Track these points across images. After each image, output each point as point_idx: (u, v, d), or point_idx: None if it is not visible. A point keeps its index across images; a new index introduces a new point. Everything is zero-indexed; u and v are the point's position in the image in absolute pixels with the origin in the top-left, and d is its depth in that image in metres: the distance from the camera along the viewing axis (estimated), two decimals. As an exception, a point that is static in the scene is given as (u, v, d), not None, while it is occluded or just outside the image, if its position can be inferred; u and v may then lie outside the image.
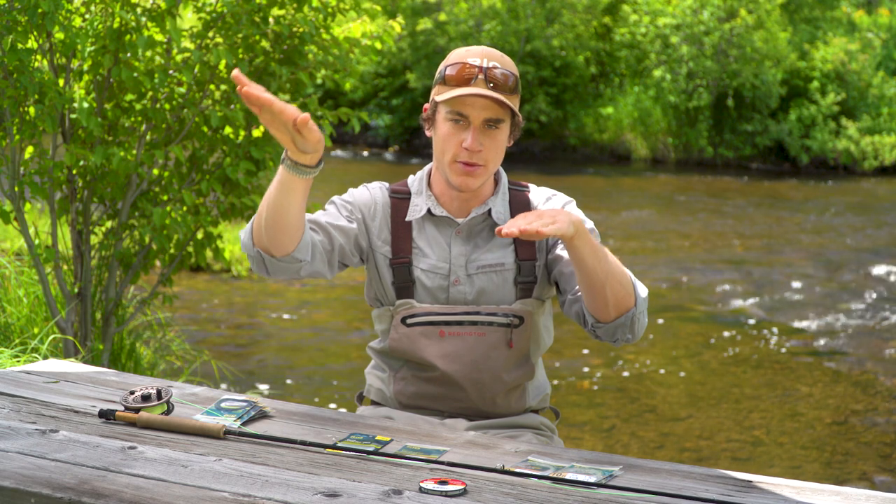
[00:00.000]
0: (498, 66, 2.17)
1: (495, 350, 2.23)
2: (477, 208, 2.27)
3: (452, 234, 2.27)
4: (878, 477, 4.93)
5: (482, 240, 2.28)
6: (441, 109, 2.20)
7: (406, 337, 2.25)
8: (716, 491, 1.72)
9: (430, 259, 2.26)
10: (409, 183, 2.35)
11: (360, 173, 16.22)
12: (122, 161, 3.96)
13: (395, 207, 2.30)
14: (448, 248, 2.26)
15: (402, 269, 2.26)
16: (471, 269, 2.25)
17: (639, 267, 9.88)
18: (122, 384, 2.23)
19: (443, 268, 2.25)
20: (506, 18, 19.08)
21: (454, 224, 2.27)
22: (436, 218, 2.28)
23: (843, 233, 12.19)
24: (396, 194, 2.32)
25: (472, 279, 2.25)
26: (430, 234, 2.28)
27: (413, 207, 2.29)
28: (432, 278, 2.25)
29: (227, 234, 8.47)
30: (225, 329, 7.06)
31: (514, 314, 2.24)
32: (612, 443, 5.28)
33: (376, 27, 4.54)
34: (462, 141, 2.17)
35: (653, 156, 18.79)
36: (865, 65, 18.84)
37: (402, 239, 2.28)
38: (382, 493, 1.65)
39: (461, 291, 2.24)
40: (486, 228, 2.29)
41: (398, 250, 2.27)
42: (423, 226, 2.29)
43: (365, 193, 2.32)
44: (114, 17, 3.94)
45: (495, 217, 2.27)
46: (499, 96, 2.14)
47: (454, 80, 2.16)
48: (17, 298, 4.54)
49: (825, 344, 7.35)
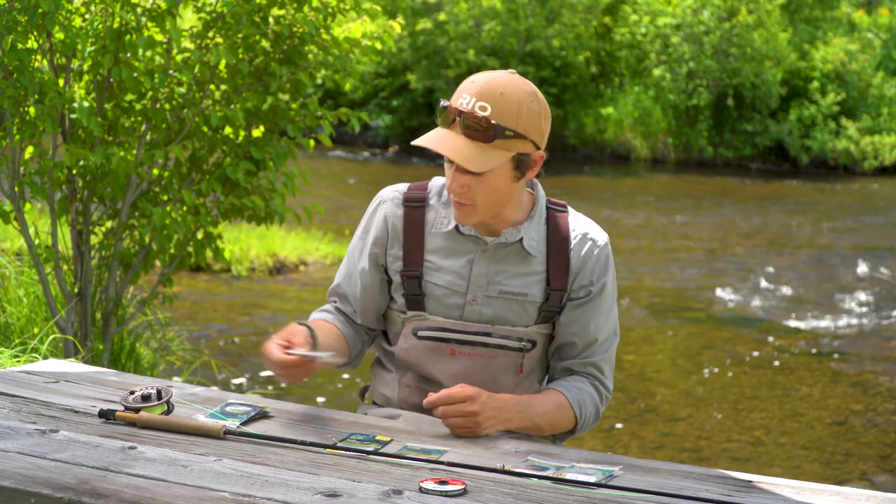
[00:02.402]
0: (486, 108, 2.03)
1: (503, 374, 2.20)
2: (508, 231, 2.19)
3: (477, 253, 2.20)
4: (878, 477, 4.93)
5: (508, 264, 2.20)
6: None
7: (415, 349, 2.21)
8: (716, 491, 1.72)
9: (446, 276, 2.20)
10: (430, 187, 2.26)
11: (360, 173, 16.22)
12: (122, 161, 3.96)
13: (409, 217, 2.23)
14: (469, 267, 2.19)
15: (413, 282, 2.21)
16: (491, 292, 2.19)
17: (639, 267, 9.89)
18: (122, 384, 2.23)
19: (460, 285, 2.19)
20: (506, 18, 19.07)
21: (481, 242, 2.20)
22: (462, 235, 2.21)
23: (843, 233, 12.19)
24: (411, 203, 2.24)
25: (491, 302, 2.19)
26: (452, 248, 2.21)
27: (440, 219, 2.22)
28: (447, 295, 2.19)
29: (227, 234, 8.47)
30: (225, 329, 7.06)
31: (529, 339, 2.20)
32: (612, 443, 5.28)
33: (376, 27, 4.54)
34: (449, 177, 2.12)
35: (653, 156, 18.79)
36: (865, 65, 18.83)
37: (414, 251, 2.22)
38: (382, 493, 1.65)
39: (476, 311, 2.19)
40: (514, 254, 2.20)
41: (409, 262, 2.22)
42: (445, 239, 2.21)
43: (381, 219, 2.26)
44: (114, 17, 3.94)
45: (527, 247, 2.19)
46: (460, 152, 2.04)
47: (438, 117, 2.10)
48: (17, 298, 4.53)
49: (825, 344, 7.35)
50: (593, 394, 2.22)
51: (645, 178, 17.05)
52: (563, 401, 2.16)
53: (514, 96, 2.05)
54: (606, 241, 2.26)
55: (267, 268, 8.71)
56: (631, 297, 8.62)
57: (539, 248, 2.21)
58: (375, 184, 15.00)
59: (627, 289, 8.95)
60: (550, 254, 2.21)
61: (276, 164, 4.33)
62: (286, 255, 8.94)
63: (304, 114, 4.34)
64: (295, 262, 8.90)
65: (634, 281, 9.27)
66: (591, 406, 2.20)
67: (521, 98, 2.06)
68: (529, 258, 2.20)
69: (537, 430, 2.13)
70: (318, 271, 8.78)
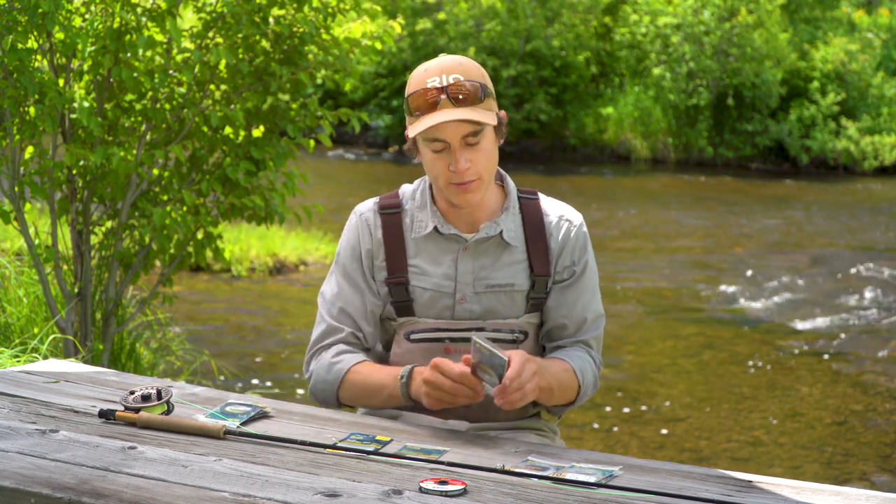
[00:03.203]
0: (460, 79, 2.09)
1: None
2: (486, 226, 2.21)
3: (460, 251, 2.22)
4: (878, 477, 4.93)
5: (491, 258, 2.22)
6: (419, 140, 2.15)
7: (409, 353, 2.21)
8: (716, 491, 1.72)
9: (433, 278, 2.21)
10: (401, 194, 2.28)
11: (360, 173, 16.23)
12: (122, 161, 3.96)
13: (387, 224, 2.24)
14: (454, 266, 2.21)
15: (400, 289, 2.21)
16: (478, 288, 2.20)
17: (639, 267, 9.89)
18: (122, 384, 2.23)
19: (447, 286, 2.20)
20: (506, 18, 19.08)
21: (462, 241, 2.22)
22: (442, 235, 2.23)
23: (843, 233, 12.19)
24: (386, 210, 2.26)
25: (480, 297, 2.20)
26: (434, 250, 2.22)
27: (417, 223, 2.24)
28: (436, 297, 2.20)
29: (227, 234, 8.47)
30: (225, 329, 7.06)
31: (520, 329, 2.22)
32: (612, 443, 5.28)
33: (376, 27, 4.54)
34: (448, 165, 2.11)
35: (653, 156, 18.80)
36: (865, 65, 18.84)
37: (397, 257, 2.22)
38: (382, 493, 1.65)
39: (467, 309, 2.20)
40: (495, 246, 2.22)
41: (393, 269, 2.22)
42: (426, 242, 2.23)
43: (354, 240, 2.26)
44: (114, 17, 3.94)
45: (508, 239, 2.21)
46: (466, 116, 2.07)
47: (419, 109, 2.10)
48: (17, 298, 4.54)
49: (825, 344, 7.35)
50: (591, 363, 2.24)
51: (645, 178, 17.06)
52: (567, 366, 2.17)
53: (470, 64, 2.14)
54: (581, 221, 2.29)
55: (267, 268, 8.71)
56: (631, 297, 8.63)
57: (518, 237, 2.24)
58: (375, 184, 15.04)
59: (627, 289, 8.95)
60: (529, 241, 2.24)
61: (276, 164, 4.33)
62: (286, 255, 8.94)
63: (304, 114, 4.34)
64: (295, 262, 8.91)
65: (634, 281, 9.27)
66: (590, 374, 2.22)
67: (474, 64, 2.15)
68: (510, 248, 2.23)
69: (549, 393, 2.11)
70: (318, 271, 8.78)
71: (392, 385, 2.11)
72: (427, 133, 2.10)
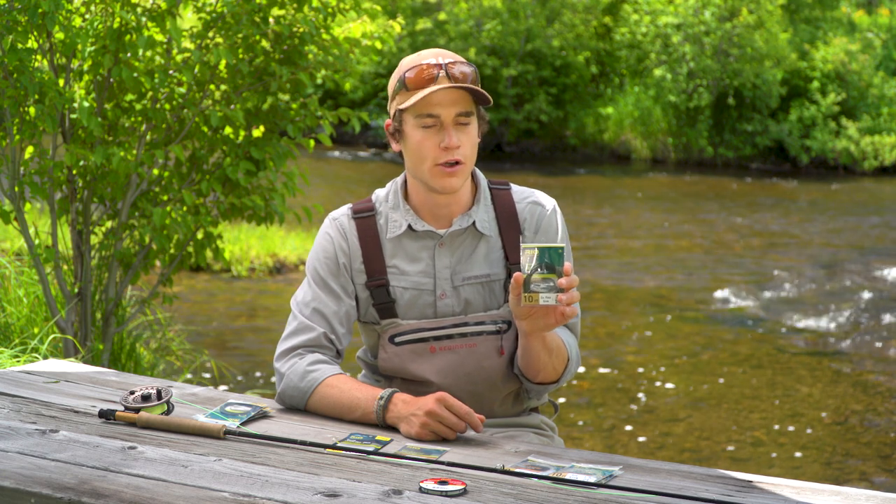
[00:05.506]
0: (456, 62, 2.14)
1: (488, 360, 2.20)
2: (459, 219, 2.22)
3: (435, 247, 2.22)
4: (878, 477, 4.93)
5: (466, 251, 2.23)
6: (408, 118, 2.15)
7: (396, 356, 2.21)
8: (716, 491, 1.72)
9: (412, 276, 2.21)
10: (374, 198, 2.28)
11: (360, 173, 16.22)
12: (122, 161, 3.96)
13: (362, 228, 2.23)
14: (432, 262, 2.21)
15: (381, 291, 2.21)
16: (456, 282, 2.21)
17: (639, 267, 9.89)
18: (122, 384, 2.23)
19: (426, 283, 2.21)
20: (506, 18, 19.08)
21: (436, 237, 2.22)
22: (416, 232, 2.23)
23: (843, 233, 12.19)
24: (360, 213, 2.25)
25: (459, 291, 2.21)
26: (411, 249, 2.22)
27: (392, 224, 2.24)
28: (417, 295, 2.20)
29: (227, 234, 8.48)
30: (225, 329, 7.06)
31: (503, 319, 2.21)
32: (612, 443, 5.28)
33: (376, 27, 4.54)
34: (439, 142, 2.12)
35: (653, 156, 18.80)
36: (865, 65, 18.84)
37: (375, 259, 2.22)
38: (382, 493, 1.65)
39: (448, 304, 2.21)
40: (469, 238, 2.23)
41: (372, 272, 2.22)
42: (401, 242, 2.23)
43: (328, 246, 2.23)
44: (114, 17, 3.94)
45: (481, 229, 2.22)
46: (468, 85, 2.12)
47: (416, 84, 2.12)
48: (17, 298, 4.54)
49: (825, 344, 7.35)
50: (575, 345, 2.24)
51: (645, 178, 17.06)
52: (559, 339, 2.17)
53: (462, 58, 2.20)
54: (554, 205, 2.29)
55: (267, 268, 8.71)
56: (631, 297, 8.63)
57: (491, 227, 2.24)
58: (375, 184, 14.99)
59: (627, 289, 8.95)
60: (503, 229, 2.24)
61: (276, 164, 4.33)
62: (286, 255, 8.94)
63: (304, 114, 4.34)
64: (295, 262, 8.91)
65: (634, 281, 9.28)
66: (574, 352, 2.22)
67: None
68: (485, 239, 2.23)
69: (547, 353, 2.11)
70: (318, 271, 8.76)
71: (366, 406, 2.05)
72: (421, 107, 2.11)
